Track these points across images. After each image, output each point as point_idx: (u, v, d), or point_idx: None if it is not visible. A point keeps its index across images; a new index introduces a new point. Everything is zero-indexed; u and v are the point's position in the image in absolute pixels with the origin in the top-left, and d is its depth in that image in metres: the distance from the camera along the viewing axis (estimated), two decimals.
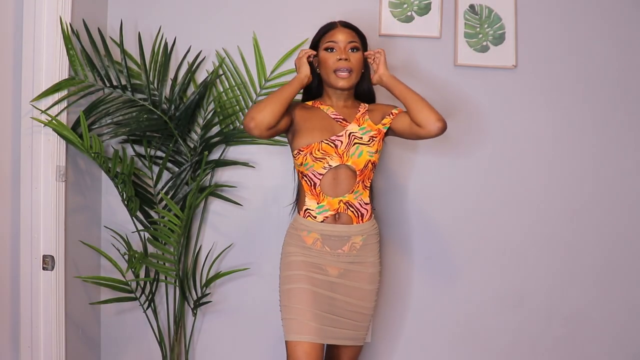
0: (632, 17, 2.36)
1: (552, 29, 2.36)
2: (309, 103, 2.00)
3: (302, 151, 1.87)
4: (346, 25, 1.93)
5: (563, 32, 2.36)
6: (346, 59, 1.87)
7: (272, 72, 2.30)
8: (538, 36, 2.35)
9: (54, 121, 1.98)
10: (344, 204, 1.88)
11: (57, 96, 2.02)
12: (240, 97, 2.30)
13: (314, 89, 2.01)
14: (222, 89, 2.31)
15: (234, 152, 2.34)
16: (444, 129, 1.81)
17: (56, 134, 2.01)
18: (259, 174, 2.35)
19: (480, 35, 2.33)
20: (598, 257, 2.38)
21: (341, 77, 1.88)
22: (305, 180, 1.89)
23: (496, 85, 2.35)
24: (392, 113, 1.93)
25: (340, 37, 1.90)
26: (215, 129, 2.30)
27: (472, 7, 2.33)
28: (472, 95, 2.35)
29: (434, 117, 1.80)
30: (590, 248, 2.38)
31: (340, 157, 1.86)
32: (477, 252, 2.37)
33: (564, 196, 2.37)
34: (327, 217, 1.87)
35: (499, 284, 2.38)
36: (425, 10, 2.33)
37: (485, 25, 2.33)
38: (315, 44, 1.95)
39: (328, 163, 1.86)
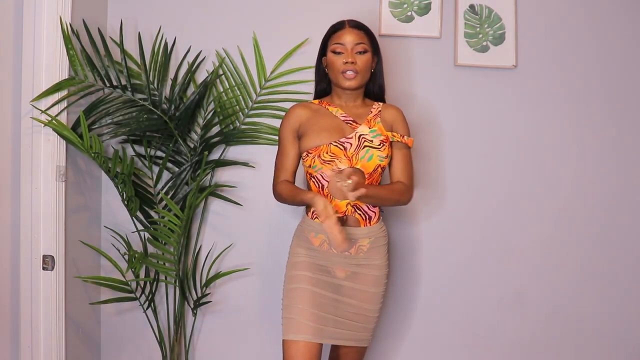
0: (633, 17, 2.36)
1: (552, 29, 2.36)
2: (316, 102, 1.97)
3: (311, 153, 1.85)
4: (355, 26, 1.90)
5: (563, 32, 2.36)
6: (353, 62, 1.86)
7: (272, 72, 2.30)
8: (538, 36, 2.35)
9: (54, 121, 1.99)
10: (352, 206, 1.86)
11: (57, 96, 2.02)
12: (240, 97, 2.30)
13: (323, 91, 2.01)
14: (222, 89, 2.31)
15: (234, 152, 2.34)
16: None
17: (56, 134, 2.01)
18: (259, 174, 2.34)
19: (480, 35, 2.33)
20: (598, 257, 2.37)
21: (348, 77, 1.87)
22: (313, 182, 1.88)
23: (496, 85, 2.35)
24: (398, 139, 1.89)
25: (348, 39, 1.87)
26: (215, 129, 2.30)
27: (472, 7, 2.33)
28: (472, 95, 2.35)
29: (401, 204, 1.92)
30: (591, 248, 2.37)
31: (350, 160, 1.84)
32: (477, 252, 2.37)
33: (564, 196, 2.37)
34: None
35: (500, 285, 2.37)
36: (425, 10, 2.33)
37: (485, 25, 2.33)
38: (324, 43, 1.94)
39: (337, 166, 1.83)
